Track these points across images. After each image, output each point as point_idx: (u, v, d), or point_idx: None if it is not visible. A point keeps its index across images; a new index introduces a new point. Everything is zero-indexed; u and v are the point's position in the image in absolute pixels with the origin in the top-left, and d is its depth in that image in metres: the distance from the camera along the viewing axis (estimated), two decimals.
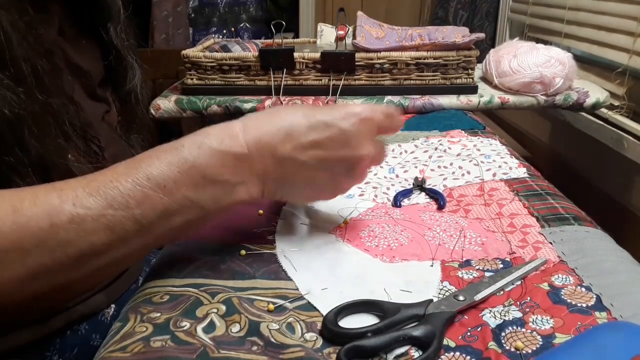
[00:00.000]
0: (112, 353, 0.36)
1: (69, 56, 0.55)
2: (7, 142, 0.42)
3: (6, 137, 0.42)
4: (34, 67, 0.46)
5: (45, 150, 0.46)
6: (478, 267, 0.47)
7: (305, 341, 0.38)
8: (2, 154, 0.42)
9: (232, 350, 0.36)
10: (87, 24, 0.58)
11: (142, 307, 0.41)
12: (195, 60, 1.00)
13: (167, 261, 0.47)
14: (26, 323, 0.52)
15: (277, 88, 0.99)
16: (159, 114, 0.99)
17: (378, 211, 0.58)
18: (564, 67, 0.98)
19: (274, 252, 0.48)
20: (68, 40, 0.56)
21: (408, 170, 0.70)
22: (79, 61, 0.56)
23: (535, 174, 0.67)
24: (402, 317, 0.39)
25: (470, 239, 0.51)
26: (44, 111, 0.46)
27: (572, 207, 0.58)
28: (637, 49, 1.09)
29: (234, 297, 0.42)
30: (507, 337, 0.38)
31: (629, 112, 1.16)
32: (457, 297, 0.41)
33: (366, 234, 0.52)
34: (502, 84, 1.02)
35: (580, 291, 0.43)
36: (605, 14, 1.21)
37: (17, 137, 0.43)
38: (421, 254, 0.49)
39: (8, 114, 0.42)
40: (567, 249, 0.49)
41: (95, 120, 0.58)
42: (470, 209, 0.58)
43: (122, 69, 0.60)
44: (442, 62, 0.98)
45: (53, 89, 0.49)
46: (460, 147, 0.75)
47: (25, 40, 0.45)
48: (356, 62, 0.97)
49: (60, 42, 0.54)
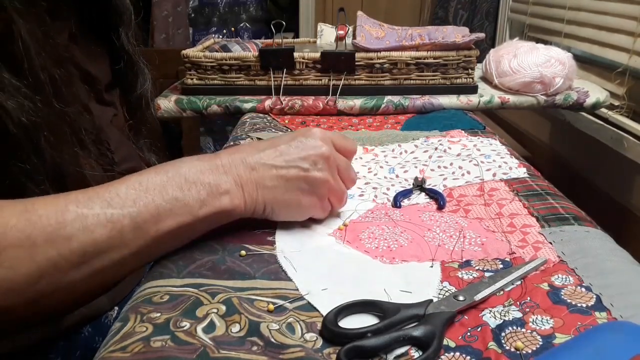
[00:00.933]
0: (112, 353, 0.36)
1: (79, 62, 0.56)
2: (24, 150, 0.44)
3: (23, 144, 0.44)
4: (51, 76, 0.47)
5: (61, 159, 0.48)
6: (478, 268, 0.47)
7: (305, 341, 0.38)
8: (18, 161, 0.44)
9: (232, 350, 0.36)
10: (98, 30, 0.59)
11: (142, 307, 0.41)
12: (195, 60, 1.00)
13: (167, 261, 0.47)
14: (29, 325, 0.52)
15: (277, 88, 0.99)
16: (159, 113, 0.99)
17: (378, 212, 0.58)
18: (564, 67, 0.98)
19: (274, 253, 0.48)
20: (79, 46, 0.56)
21: (408, 170, 0.70)
22: (89, 67, 0.57)
23: (535, 174, 0.67)
24: (402, 317, 0.39)
25: (470, 239, 0.51)
26: (61, 120, 0.48)
27: (572, 207, 0.58)
28: (637, 49, 1.09)
29: (233, 297, 0.42)
30: (507, 337, 0.38)
31: (629, 112, 1.16)
32: (457, 297, 0.41)
33: (366, 236, 0.52)
34: (502, 84, 1.02)
35: (580, 291, 0.43)
36: (606, 13, 1.21)
37: (34, 144, 0.45)
38: (421, 255, 0.49)
39: (25, 121, 0.44)
40: (567, 249, 0.49)
41: (105, 124, 0.58)
42: (470, 209, 0.58)
43: (133, 74, 0.62)
44: (442, 62, 0.98)
45: (69, 97, 0.50)
46: (460, 147, 0.75)
47: (43, 49, 0.47)
48: (356, 62, 0.97)
49: (71, 49, 0.55)
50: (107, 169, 0.55)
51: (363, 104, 0.96)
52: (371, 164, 0.72)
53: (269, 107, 0.97)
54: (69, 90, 0.50)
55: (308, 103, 0.97)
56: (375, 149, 0.77)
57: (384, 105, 0.96)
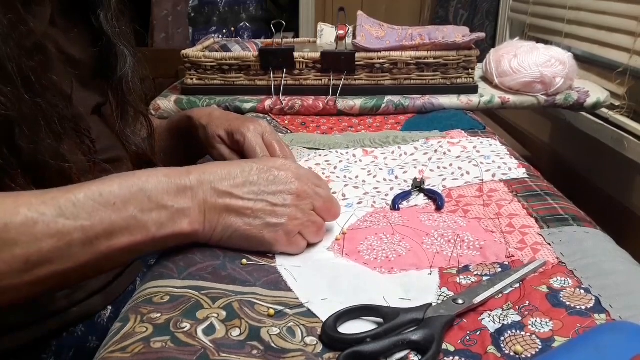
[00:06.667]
0: (112, 353, 0.36)
1: (61, 46, 0.55)
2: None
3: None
4: (19, 66, 0.45)
5: (37, 151, 0.46)
6: (476, 272, 0.47)
7: (305, 345, 0.38)
8: None
9: (232, 353, 0.36)
10: (79, 12, 0.58)
11: (143, 307, 0.41)
12: (195, 60, 1.00)
13: (168, 262, 0.47)
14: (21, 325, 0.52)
15: (277, 88, 0.98)
16: (159, 113, 0.99)
17: (377, 216, 0.58)
18: (565, 66, 0.98)
19: (274, 265, 0.48)
20: (60, 30, 0.55)
21: (407, 171, 0.69)
22: (72, 50, 0.56)
23: (534, 174, 0.67)
24: (401, 321, 0.39)
25: (469, 243, 0.51)
26: (34, 111, 0.47)
27: (572, 208, 0.58)
28: (637, 49, 1.08)
29: (234, 301, 0.42)
30: (506, 341, 0.38)
31: (629, 112, 1.16)
32: (456, 300, 0.41)
33: (365, 247, 0.51)
34: (503, 84, 1.02)
35: (580, 293, 0.43)
36: (606, 13, 1.20)
37: (7, 139, 0.44)
38: (419, 263, 0.49)
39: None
40: (566, 250, 0.49)
41: (86, 112, 0.57)
42: (469, 209, 0.58)
43: (113, 56, 0.60)
44: (442, 62, 0.98)
45: (45, 84, 0.48)
46: (460, 150, 0.75)
47: (10, 38, 0.45)
48: (356, 62, 0.97)
49: (52, 33, 0.54)
50: (89, 158, 0.54)
51: (363, 104, 0.96)
52: (371, 167, 0.72)
53: (269, 107, 0.97)
54: (45, 78, 0.49)
55: (308, 103, 0.97)
56: (375, 151, 0.77)
57: (384, 105, 0.96)
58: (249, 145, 0.62)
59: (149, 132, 0.68)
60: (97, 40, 0.59)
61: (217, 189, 0.47)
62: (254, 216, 0.47)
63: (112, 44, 0.59)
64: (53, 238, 0.39)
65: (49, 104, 0.49)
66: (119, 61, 0.60)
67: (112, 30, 0.59)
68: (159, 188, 0.44)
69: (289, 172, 0.50)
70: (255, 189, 0.48)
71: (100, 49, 0.59)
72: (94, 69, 0.60)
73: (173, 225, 0.45)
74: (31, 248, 0.38)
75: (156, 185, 0.44)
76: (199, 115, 0.69)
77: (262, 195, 0.48)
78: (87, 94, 0.58)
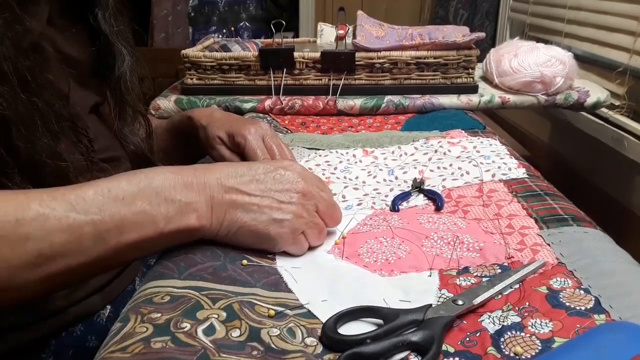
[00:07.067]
0: (112, 353, 0.36)
1: (59, 45, 0.55)
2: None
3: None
4: (15, 65, 0.45)
5: (35, 151, 0.46)
6: (476, 274, 0.47)
7: (305, 346, 0.38)
8: None
9: (232, 354, 0.36)
10: (77, 11, 0.58)
11: (143, 307, 0.41)
12: (195, 60, 1.00)
13: (168, 262, 0.47)
14: (20, 325, 0.52)
15: (277, 88, 0.98)
16: (159, 113, 0.99)
17: (376, 218, 0.58)
18: (565, 66, 0.98)
19: (274, 266, 0.48)
20: (57, 29, 0.55)
21: (407, 171, 0.69)
22: (69, 50, 0.56)
23: (534, 174, 0.67)
24: (401, 322, 0.39)
25: (468, 244, 0.51)
26: (30, 111, 0.47)
27: (571, 208, 0.58)
28: (637, 49, 1.08)
29: (234, 302, 0.42)
30: (506, 342, 0.38)
31: (629, 112, 1.16)
32: (455, 301, 0.41)
33: (364, 250, 0.51)
34: (503, 84, 1.02)
35: (579, 294, 0.43)
36: (606, 13, 1.20)
37: (3, 137, 0.44)
38: (419, 265, 0.49)
39: None
40: (566, 251, 0.49)
41: (84, 112, 0.57)
42: (468, 210, 0.58)
43: (111, 56, 0.60)
44: (442, 62, 0.98)
45: (41, 83, 0.48)
46: (460, 150, 0.75)
47: (6, 37, 0.45)
48: (356, 62, 0.97)
49: (49, 32, 0.54)
50: (87, 157, 0.55)
51: (363, 103, 0.96)
52: (371, 167, 0.72)
53: (269, 107, 0.97)
54: (41, 77, 0.49)
55: (308, 103, 0.97)
56: (375, 151, 0.77)
57: (384, 105, 0.96)
58: (250, 147, 0.63)
59: (148, 132, 0.68)
60: (94, 40, 0.59)
61: (224, 185, 0.47)
62: (260, 212, 0.48)
63: (110, 43, 0.59)
64: (65, 232, 0.40)
65: (46, 103, 0.49)
66: (117, 60, 0.60)
67: (110, 30, 0.59)
68: (166, 184, 0.45)
69: (295, 172, 0.50)
70: (262, 186, 0.49)
71: (98, 48, 0.59)
72: (92, 68, 0.60)
73: (181, 219, 0.45)
74: (43, 242, 0.39)
75: (163, 181, 0.45)
76: (199, 115, 0.70)
77: (268, 192, 0.49)
78: (84, 93, 0.58)
